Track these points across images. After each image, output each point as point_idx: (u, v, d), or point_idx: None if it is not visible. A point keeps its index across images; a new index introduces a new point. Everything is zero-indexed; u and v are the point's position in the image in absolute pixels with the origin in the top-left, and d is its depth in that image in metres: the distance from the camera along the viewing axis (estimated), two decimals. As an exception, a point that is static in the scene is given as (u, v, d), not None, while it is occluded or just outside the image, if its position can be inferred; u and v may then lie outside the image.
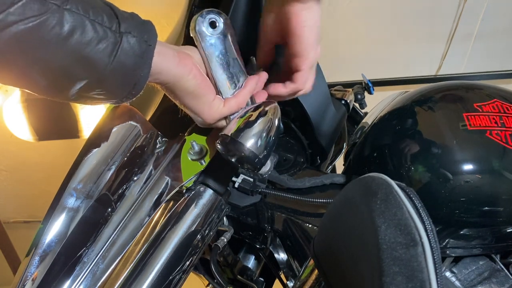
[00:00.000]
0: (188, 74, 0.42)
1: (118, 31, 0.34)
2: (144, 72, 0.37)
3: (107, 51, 0.33)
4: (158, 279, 0.44)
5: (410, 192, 0.34)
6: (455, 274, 0.54)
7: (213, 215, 0.52)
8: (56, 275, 0.45)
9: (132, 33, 0.35)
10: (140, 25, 0.37)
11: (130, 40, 0.35)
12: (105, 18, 0.34)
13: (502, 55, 1.88)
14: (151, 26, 0.38)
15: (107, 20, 0.34)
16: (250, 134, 0.44)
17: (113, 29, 0.34)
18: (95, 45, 0.33)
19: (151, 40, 0.37)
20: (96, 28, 0.33)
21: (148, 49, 0.37)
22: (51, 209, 0.47)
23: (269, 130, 0.46)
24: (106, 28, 0.33)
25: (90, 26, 0.32)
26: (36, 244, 0.45)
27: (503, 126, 0.52)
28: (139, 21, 0.37)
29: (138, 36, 0.36)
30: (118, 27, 0.34)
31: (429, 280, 0.29)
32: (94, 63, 0.33)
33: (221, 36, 0.46)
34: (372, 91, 0.92)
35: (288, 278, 0.63)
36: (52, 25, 0.30)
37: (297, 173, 0.65)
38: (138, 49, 0.36)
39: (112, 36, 0.34)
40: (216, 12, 0.46)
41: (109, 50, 0.34)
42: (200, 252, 0.51)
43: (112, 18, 0.34)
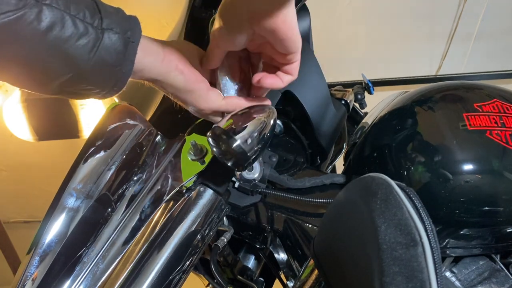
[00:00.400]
0: (173, 70, 0.41)
1: (100, 27, 0.34)
2: (126, 69, 0.37)
3: (87, 47, 0.33)
4: (158, 279, 0.44)
5: (410, 192, 0.34)
6: (455, 274, 0.54)
7: (213, 215, 0.52)
8: (56, 275, 0.45)
9: (114, 29, 0.35)
10: (123, 21, 0.36)
11: (111, 36, 0.34)
12: (87, 13, 0.33)
13: (502, 55, 1.88)
14: (135, 22, 0.37)
15: (88, 16, 0.33)
16: (242, 130, 0.44)
17: (95, 25, 0.33)
18: (75, 41, 0.32)
19: (134, 37, 0.36)
20: (77, 24, 0.32)
21: (131, 46, 0.36)
22: (51, 209, 0.47)
23: (261, 130, 0.45)
24: (87, 24, 0.33)
25: (70, 22, 0.32)
26: (36, 244, 0.45)
27: (503, 126, 0.52)
28: (123, 17, 0.36)
29: (120, 32, 0.35)
30: (100, 23, 0.34)
31: (429, 280, 0.29)
32: (74, 59, 0.33)
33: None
34: (372, 91, 0.92)
35: (288, 278, 0.63)
36: (29, 20, 0.30)
37: (297, 173, 0.65)
38: (119, 46, 0.35)
39: (93, 32, 0.33)
40: None
41: (89, 46, 0.33)
42: (200, 252, 0.51)
43: (95, 13, 0.34)
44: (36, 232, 0.46)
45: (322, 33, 1.75)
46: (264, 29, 0.41)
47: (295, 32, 0.43)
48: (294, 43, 0.43)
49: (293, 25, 0.42)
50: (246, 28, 0.41)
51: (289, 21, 0.41)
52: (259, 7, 0.39)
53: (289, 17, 0.41)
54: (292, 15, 0.42)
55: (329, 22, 1.76)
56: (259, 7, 0.39)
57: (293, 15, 0.42)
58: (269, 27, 0.40)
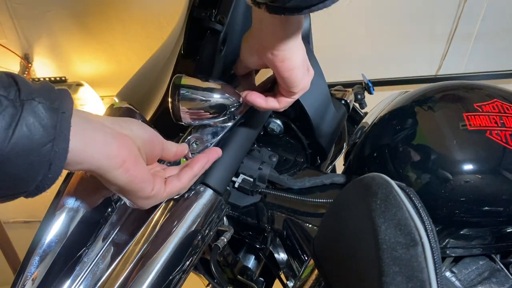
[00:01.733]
0: (117, 168, 0.35)
1: (18, 99, 0.28)
2: (60, 147, 0.30)
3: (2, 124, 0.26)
4: (158, 279, 0.44)
5: (410, 192, 0.34)
6: (455, 274, 0.54)
7: (213, 215, 0.52)
8: (56, 275, 0.45)
9: (38, 99, 0.29)
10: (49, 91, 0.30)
11: (35, 108, 0.28)
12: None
13: (502, 55, 1.87)
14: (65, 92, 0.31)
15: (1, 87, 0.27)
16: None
17: (11, 98, 0.27)
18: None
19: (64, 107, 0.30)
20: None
21: (62, 117, 0.30)
22: (51, 209, 0.47)
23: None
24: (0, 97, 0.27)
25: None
26: (36, 244, 0.45)
27: (503, 126, 0.51)
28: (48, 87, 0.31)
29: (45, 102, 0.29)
30: (17, 95, 0.28)
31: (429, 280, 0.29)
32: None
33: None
34: (372, 91, 0.92)
35: (288, 278, 0.63)
36: None
37: (297, 173, 0.65)
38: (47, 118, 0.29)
39: (9, 105, 0.27)
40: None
41: (5, 121, 0.27)
42: (200, 252, 0.51)
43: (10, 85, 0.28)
44: (36, 232, 0.46)
45: (322, 33, 1.75)
46: (267, 61, 0.43)
47: (295, 74, 0.44)
48: (292, 84, 0.45)
49: (292, 67, 0.43)
50: (255, 56, 0.45)
51: (288, 62, 0.42)
52: (265, 41, 0.41)
53: (290, 59, 0.42)
54: (294, 57, 0.43)
55: (329, 22, 1.76)
56: (265, 41, 0.41)
57: (296, 58, 0.43)
58: (269, 62, 0.43)
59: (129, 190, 0.38)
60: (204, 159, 0.47)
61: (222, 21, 0.54)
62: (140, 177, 0.38)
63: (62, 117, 0.30)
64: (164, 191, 0.42)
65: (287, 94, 0.47)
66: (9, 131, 0.27)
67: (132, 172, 0.36)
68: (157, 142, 0.43)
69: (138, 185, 0.38)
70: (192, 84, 0.47)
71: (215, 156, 0.49)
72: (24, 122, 0.27)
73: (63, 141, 0.30)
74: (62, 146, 0.30)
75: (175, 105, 0.46)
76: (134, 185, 0.37)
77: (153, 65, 0.69)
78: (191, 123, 0.49)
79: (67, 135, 0.30)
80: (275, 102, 0.48)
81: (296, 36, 0.41)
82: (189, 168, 0.45)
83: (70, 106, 0.31)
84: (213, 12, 0.54)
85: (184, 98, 0.46)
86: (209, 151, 0.49)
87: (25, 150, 0.28)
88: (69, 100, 0.31)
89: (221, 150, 0.51)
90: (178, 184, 0.43)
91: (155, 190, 0.40)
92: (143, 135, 0.40)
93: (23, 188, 0.30)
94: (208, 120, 0.50)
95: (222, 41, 0.55)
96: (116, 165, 0.35)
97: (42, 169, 0.29)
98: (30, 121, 0.28)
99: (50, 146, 0.29)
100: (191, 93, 0.46)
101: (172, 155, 0.46)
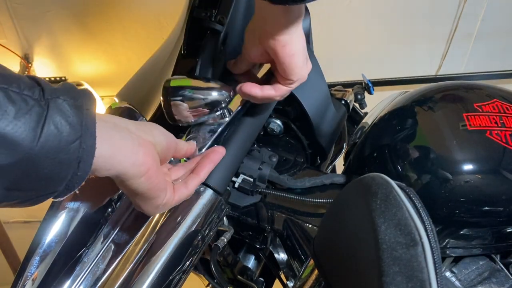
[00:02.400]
0: (141, 176, 0.35)
1: (43, 98, 0.27)
2: (88, 144, 0.29)
3: (30, 123, 0.26)
4: (158, 279, 0.44)
5: (410, 192, 0.34)
6: (455, 274, 0.54)
7: (213, 215, 0.52)
8: (56, 275, 0.45)
9: (62, 97, 0.29)
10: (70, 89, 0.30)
11: (60, 106, 0.28)
12: (22, 85, 0.27)
13: (502, 55, 1.87)
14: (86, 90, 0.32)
15: (25, 87, 0.27)
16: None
17: (35, 97, 0.27)
18: (13, 118, 0.25)
19: (88, 104, 0.30)
20: (10, 96, 0.26)
21: (87, 114, 0.30)
22: (51, 209, 0.47)
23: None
24: (25, 96, 0.26)
25: (2, 95, 0.25)
26: (36, 244, 0.45)
27: (503, 126, 0.51)
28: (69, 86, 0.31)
29: (69, 99, 0.29)
30: (42, 94, 0.28)
31: (429, 280, 0.29)
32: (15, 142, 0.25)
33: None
34: (372, 91, 0.92)
35: (288, 278, 0.63)
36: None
37: (297, 173, 0.65)
38: (73, 115, 0.29)
39: (35, 104, 0.27)
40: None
41: (33, 122, 0.26)
42: (200, 252, 0.51)
43: (33, 85, 0.28)
44: (36, 232, 0.46)
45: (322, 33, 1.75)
46: (268, 48, 0.44)
47: (295, 61, 0.44)
48: (291, 71, 0.45)
49: (293, 52, 0.44)
50: (257, 44, 0.45)
51: (289, 47, 0.43)
52: (269, 27, 0.42)
53: (291, 44, 0.43)
54: (295, 43, 0.43)
55: (329, 22, 1.76)
56: (269, 27, 0.42)
57: (297, 44, 0.44)
58: (271, 48, 0.44)
59: (145, 197, 0.38)
60: (210, 164, 0.47)
61: (222, 21, 0.54)
62: (159, 186, 0.38)
63: (86, 114, 0.30)
64: (173, 200, 0.42)
65: (284, 82, 0.47)
66: (38, 130, 0.26)
67: (153, 180, 0.37)
68: (172, 145, 0.43)
69: (155, 193, 0.38)
70: (181, 85, 0.47)
71: (219, 158, 0.49)
72: (51, 121, 0.27)
73: (90, 137, 0.30)
74: (90, 143, 0.30)
75: (169, 109, 0.47)
76: (152, 193, 0.38)
77: (153, 65, 0.68)
78: (188, 123, 0.49)
79: (93, 131, 0.30)
80: (272, 90, 0.48)
81: (297, 23, 0.42)
82: (196, 175, 0.46)
83: (92, 103, 0.31)
84: (213, 12, 0.54)
85: (175, 100, 0.46)
86: (213, 154, 0.49)
87: (54, 149, 0.27)
88: (91, 97, 0.31)
89: (224, 150, 0.50)
90: (186, 192, 0.44)
91: (166, 198, 0.41)
92: (163, 142, 0.41)
93: (53, 188, 0.29)
94: (204, 117, 0.50)
95: (222, 41, 0.55)
96: (140, 173, 0.35)
97: (71, 167, 0.29)
98: (57, 119, 0.28)
99: (78, 144, 0.29)
100: (182, 95, 0.47)
101: (182, 153, 0.46)
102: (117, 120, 0.36)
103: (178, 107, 0.47)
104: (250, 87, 0.48)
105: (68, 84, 0.31)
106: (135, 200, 0.39)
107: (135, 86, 0.71)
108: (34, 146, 0.26)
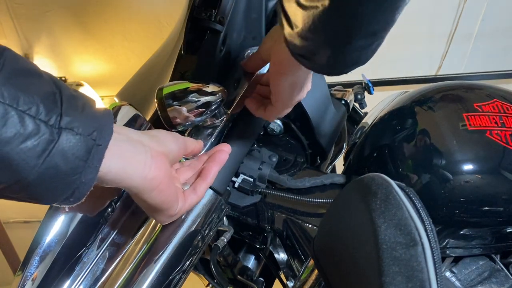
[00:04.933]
0: (152, 190, 0.36)
1: (57, 126, 0.27)
2: (87, 178, 0.29)
3: (36, 151, 0.26)
4: (158, 279, 0.44)
5: (410, 192, 0.34)
6: (455, 274, 0.54)
7: (213, 215, 0.52)
8: (56, 275, 0.44)
9: (76, 129, 0.28)
10: (90, 118, 0.30)
11: (70, 138, 0.28)
12: (41, 108, 0.26)
13: (502, 55, 1.88)
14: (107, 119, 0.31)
15: (43, 111, 0.27)
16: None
17: (50, 123, 0.27)
18: (20, 143, 0.25)
19: (102, 139, 0.30)
20: (25, 121, 0.26)
21: (96, 150, 0.29)
22: (51, 209, 0.47)
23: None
24: (39, 122, 0.26)
25: (16, 118, 0.25)
26: (36, 244, 0.45)
27: (503, 126, 0.51)
28: (91, 113, 0.30)
29: (83, 133, 0.28)
30: (58, 121, 0.27)
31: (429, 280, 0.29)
32: (16, 165, 0.26)
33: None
34: (372, 91, 0.92)
35: (288, 278, 0.63)
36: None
37: (297, 173, 0.65)
38: (80, 150, 0.28)
39: (46, 132, 0.26)
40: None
41: (39, 149, 0.26)
42: (200, 252, 0.51)
43: (54, 108, 0.27)
44: (36, 232, 0.46)
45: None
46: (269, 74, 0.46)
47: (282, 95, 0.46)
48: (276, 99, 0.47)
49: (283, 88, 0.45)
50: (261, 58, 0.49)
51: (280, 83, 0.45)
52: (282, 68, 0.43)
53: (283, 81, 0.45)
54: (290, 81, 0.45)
55: (329, 22, 1.76)
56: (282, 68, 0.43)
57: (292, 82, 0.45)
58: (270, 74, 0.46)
59: (159, 209, 0.39)
60: (217, 166, 0.47)
61: (222, 21, 0.54)
62: (171, 198, 0.39)
63: (96, 150, 0.29)
64: (184, 208, 0.43)
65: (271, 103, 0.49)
66: (40, 160, 0.26)
67: (165, 192, 0.37)
68: (182, 148, 0.44)
69: (167, 204, 0.39)
70: (174, 90, 0.47)
71: (225, 157, 0.49)
72: (58, 151, 0.27)
73: (91, 172, 0.30)
74: (90, 177, 0.30)
75: (165, 116, 0.47)
76: (164, 205, 0.39)
77: (153, 65, 0.68)
78: (186, 126, 0.49)
79: (97, 167, 0.30)
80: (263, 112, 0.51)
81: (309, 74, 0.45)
82: (203, 180, 0.46)
83: (107, 138, 0.30)
84: (213, 12, 0.54)
85: (170, 106, 0.47)
86: (219, 154, 0.48)
87: (51, 178, 0.27)
88: (108, 130, 0.31)
89: (229, 146, 0.50)
90: (196, 199, 0.45)
91: (178, 207, 0.42)
92: (175, 149, 0.41)
93: (41, 202, 0.30)
94: (201, 119, 0.50)
95: (222, 41, 0.55)
96: (151, 187, 0.35)
97: (65, 193, 0.29)
98: (64, 151, 0.27)
99: (77, 177, 0.29)
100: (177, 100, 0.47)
101: (189, 151, 0.47)
102: (131, 133, 0.36)
103: (175, 112, 0.47)
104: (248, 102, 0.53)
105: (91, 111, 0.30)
106: (149, 211, 0.40)
107: (135, 86, 0.71)
108: (32, 173, 0.26)
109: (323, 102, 0.68)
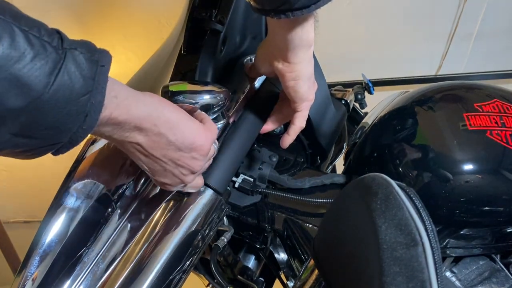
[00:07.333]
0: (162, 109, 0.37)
1: (61, 47, 0.28)
2: (97, 99, 0.30)
3: (46, 69, 0.26)
4: (158, 279, 0.44)
5: (411, 192, 0.34)
6: (455, 274, 0.54)
7: (213, 215, 0.51)
8: (56, 275, 0.45)
9: (79, 49, 0.29)
10: (89, 44, 0.30)
11: (76, 57, 0.28)
12: (43, 31, 0.27)
13: (502, 55, 1.87)
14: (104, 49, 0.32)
15: (45, 33, 0.27)
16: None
17: (54, 44, 0.27)
18: (29, 61, 0.25)
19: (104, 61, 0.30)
20: (31, 39, 0.26)
21: (101, 71, 0.30)
22: (51, 209, 0.47)
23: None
24: (44, 42, 0.26)
25: (22, 37, 0.25)
26: (36, 244, 0.45)
27: (503, 126, 0.51)
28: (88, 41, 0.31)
29: (86, 53, 0.29)
30: (60, 42, 0.28)
31: (430, 280, 0.29)
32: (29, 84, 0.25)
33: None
34: (372, 91, 0.92)
35: (288, 278, 0.63)
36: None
37: (297, 173, 0.65)
38: (87, 69, 0.29)
39: (53, 51, 0.27)
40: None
41: (48, 68, 0.26)
42: (200, 252, 0.51)
43: (52, 33, 0.28)
44: (36, 232, 0.46)
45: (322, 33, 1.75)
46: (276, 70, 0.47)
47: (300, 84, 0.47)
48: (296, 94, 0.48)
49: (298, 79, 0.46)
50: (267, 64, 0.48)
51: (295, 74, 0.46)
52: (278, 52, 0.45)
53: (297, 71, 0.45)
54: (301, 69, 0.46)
55: (329, 22, 1.76)
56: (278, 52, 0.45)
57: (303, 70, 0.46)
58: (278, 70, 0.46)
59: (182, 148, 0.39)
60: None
61: (222, 21, 0.54)
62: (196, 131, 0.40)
63: (101, 70, 0.30)
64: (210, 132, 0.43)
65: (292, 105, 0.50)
66: (51, 77, 0.26)
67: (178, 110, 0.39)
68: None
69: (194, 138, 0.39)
70: (180, 90, 0.47)
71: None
72: (66, 70, 0.27)
73: (99, 93, 0.30)
74: (99, 99, 0.30)
75: None
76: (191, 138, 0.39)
77: (153, 65, 0.68)
78: None
79: (104, 88, 0.30)
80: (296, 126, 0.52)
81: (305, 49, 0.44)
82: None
83: (108, 60, 0.31)
84: (213, 12, 0.54)
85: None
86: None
87: (64, 98, 0.27)
88: (107, 55, 0.31)
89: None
90: (200, 182, 0.47)
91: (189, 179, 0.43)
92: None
93: (58, 138, 0.30)
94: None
95: (222, 41, 0.55)
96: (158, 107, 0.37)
97: (78, 121, 0.29)
98: (71, 70, 0.28)
99: (87, 97, 0.29)
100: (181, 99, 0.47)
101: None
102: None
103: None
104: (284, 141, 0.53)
105: (86, 40, 0.31)
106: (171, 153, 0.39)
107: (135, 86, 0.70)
108: (45, 92, 0.26)
109: (323, 102, 0.68)
